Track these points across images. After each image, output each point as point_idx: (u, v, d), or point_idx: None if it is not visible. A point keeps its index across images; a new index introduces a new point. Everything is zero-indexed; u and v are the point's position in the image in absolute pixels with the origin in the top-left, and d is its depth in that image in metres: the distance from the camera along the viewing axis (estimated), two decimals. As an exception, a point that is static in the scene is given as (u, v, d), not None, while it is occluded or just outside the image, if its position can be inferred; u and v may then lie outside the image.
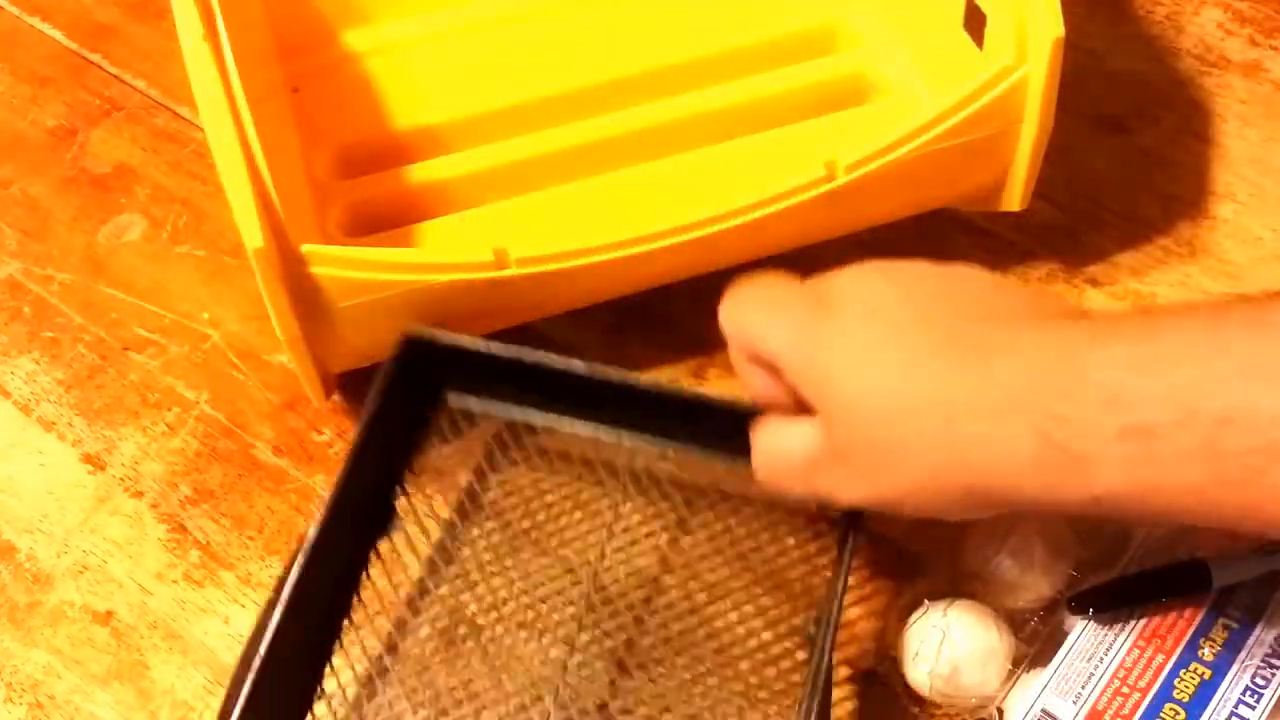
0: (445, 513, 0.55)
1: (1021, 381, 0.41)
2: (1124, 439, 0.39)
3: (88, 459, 0.61)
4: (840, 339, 0.44)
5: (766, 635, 0.51)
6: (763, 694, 0.50)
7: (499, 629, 0.52)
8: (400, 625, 0.53)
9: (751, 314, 0.48)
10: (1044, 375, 0.40)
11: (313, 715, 0.50)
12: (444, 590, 0.53)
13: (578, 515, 0.55)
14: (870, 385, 0.43)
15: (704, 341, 0.62)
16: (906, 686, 0.51)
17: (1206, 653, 0.48)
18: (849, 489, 0.45)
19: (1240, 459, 0.37)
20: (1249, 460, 0.37)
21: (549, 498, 0.55)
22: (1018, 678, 0.49)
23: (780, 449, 0.47)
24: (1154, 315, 0.41)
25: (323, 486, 0.59)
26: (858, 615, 0.54)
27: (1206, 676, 0.47)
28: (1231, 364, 0.38)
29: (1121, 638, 0.48)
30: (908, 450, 0.42)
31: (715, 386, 0.61)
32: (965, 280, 0.46)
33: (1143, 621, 0.49)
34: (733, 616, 0.52)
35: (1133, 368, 0.39)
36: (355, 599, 0.52)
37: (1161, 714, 0.47)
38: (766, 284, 0.48)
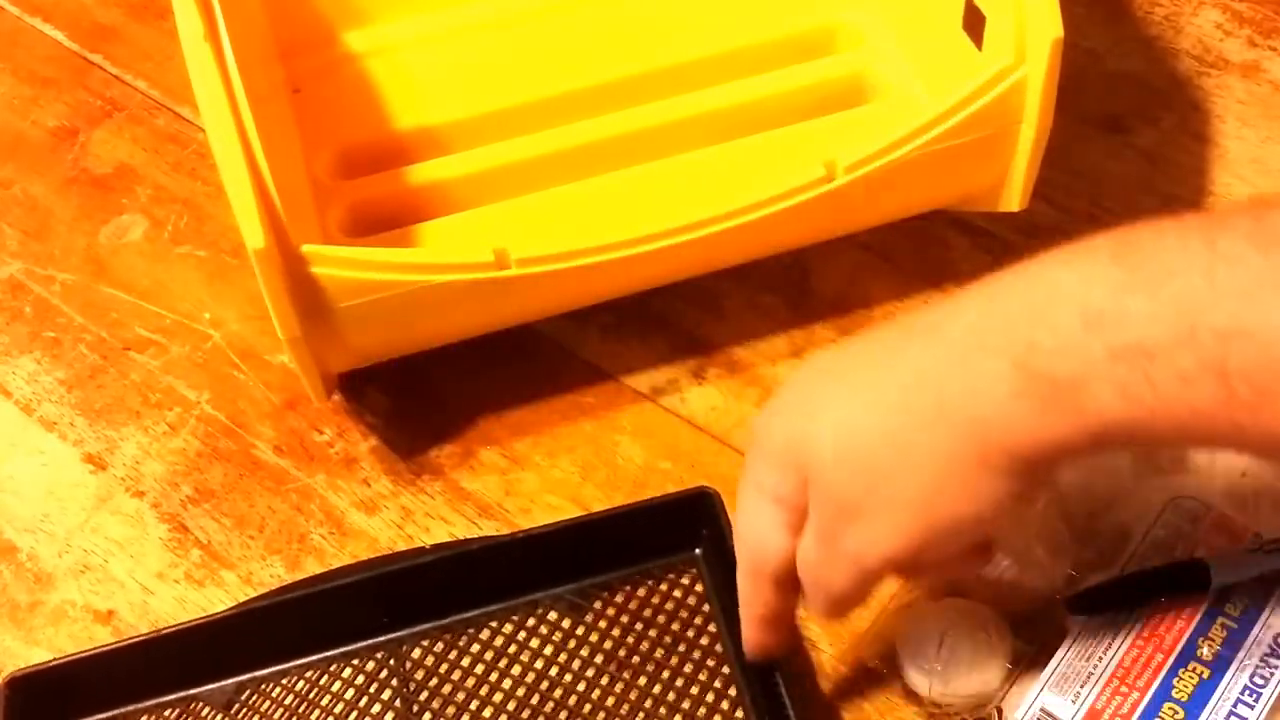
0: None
1: (985, 319, 0.37)
2: (1116, 361, 0.35)
3: (89, 459, 0.61)
4: (798, 419, 0.42)
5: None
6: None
7: None
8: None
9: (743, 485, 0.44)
10: (1011, 305, 0.37)
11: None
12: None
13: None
14: (839, 428, 0.40)
15: (703, 341, 0.63)
16: (905, 686, 0.51)
17: (1205, 652, 0.48)
18: (879, 541, 0.41)
19: (1251, 378, 0.33)
20: (1261, 379, 0.33)
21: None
22: (1017, 677, 0.50)
23: (805, 561, 0.43)
24: (1133, 232, 0.37)
25: (323, 486, 0.59)
26: (857, 615, 0.54)
27: (1205, 675, 0.47)
28: (1237, 275, 0.34)
29: (1120, 637, 0.48)
30: (902, 458, 0.39)
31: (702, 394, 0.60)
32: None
33: (1142, 621, 0.49)
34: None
35: (1117, 284, 0.35)
36: None
37: (1160, 713, 0.47)
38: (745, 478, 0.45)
